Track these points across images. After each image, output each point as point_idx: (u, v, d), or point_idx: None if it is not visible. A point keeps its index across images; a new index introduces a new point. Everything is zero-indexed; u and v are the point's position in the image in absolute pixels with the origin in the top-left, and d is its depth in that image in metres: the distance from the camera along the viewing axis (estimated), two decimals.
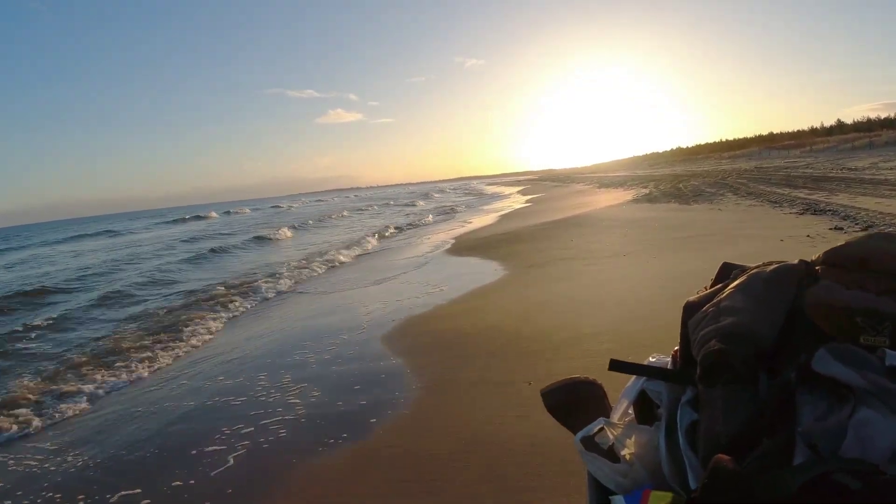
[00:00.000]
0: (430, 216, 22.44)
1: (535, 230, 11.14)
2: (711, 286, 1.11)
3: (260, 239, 18.50)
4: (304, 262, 10.97)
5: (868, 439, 0.69)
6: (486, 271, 7.36)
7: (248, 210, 56.56)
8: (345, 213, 29.08)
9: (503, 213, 19.48)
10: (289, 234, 20.13)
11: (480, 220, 17.37)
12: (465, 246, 10.25)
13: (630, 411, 1.05)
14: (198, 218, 46.53)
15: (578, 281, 5.97)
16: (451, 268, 8.09)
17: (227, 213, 52.56)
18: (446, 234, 14.01)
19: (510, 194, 37.75)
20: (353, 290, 7.34)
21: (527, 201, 25.55)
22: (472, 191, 52.76)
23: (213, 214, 49.70)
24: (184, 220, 41.60)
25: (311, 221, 24.58)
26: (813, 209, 8.97)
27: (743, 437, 0.80)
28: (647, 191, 19.88)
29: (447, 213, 24.10)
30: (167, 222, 42.23)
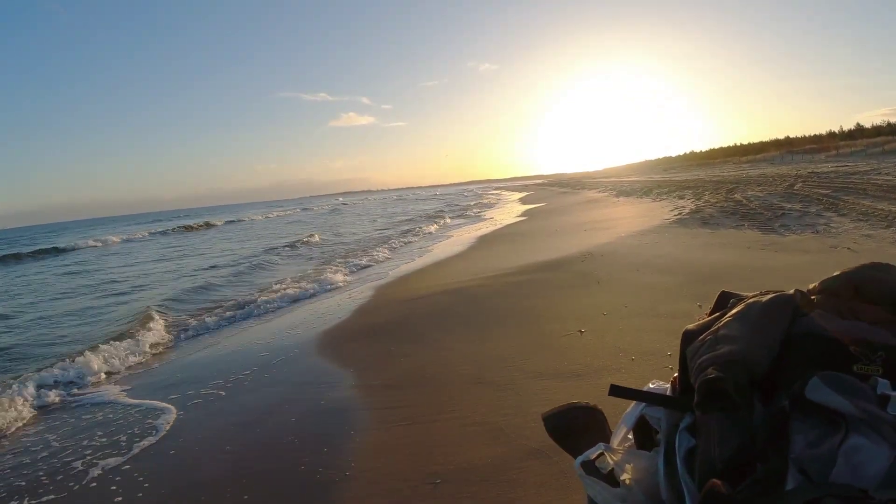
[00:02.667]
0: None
1: (508, 288, 5.97)
2: (710, 314, 1.13)
3: None
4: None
5: (858, 465, 0.71)
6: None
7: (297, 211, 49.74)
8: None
9: (483, 232, 13.81)
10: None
11: (445, 247, 11.80)
12: (371, 321, 5.41)
13: (630, 437, 1.07)
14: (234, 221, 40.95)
15: None
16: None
17: (268, 217, 45.38)
18: (380, 275, 8.63)
19: (507, 202, 30.58)
20: None
21: (523, 213, 19.00)
22: (468, 195, 43.99)
23: (258, 217, 45.30)
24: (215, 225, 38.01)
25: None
26: None
27: (737, 462, 0.82)
28: (690, 204, 12.94)
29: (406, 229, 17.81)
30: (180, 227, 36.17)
